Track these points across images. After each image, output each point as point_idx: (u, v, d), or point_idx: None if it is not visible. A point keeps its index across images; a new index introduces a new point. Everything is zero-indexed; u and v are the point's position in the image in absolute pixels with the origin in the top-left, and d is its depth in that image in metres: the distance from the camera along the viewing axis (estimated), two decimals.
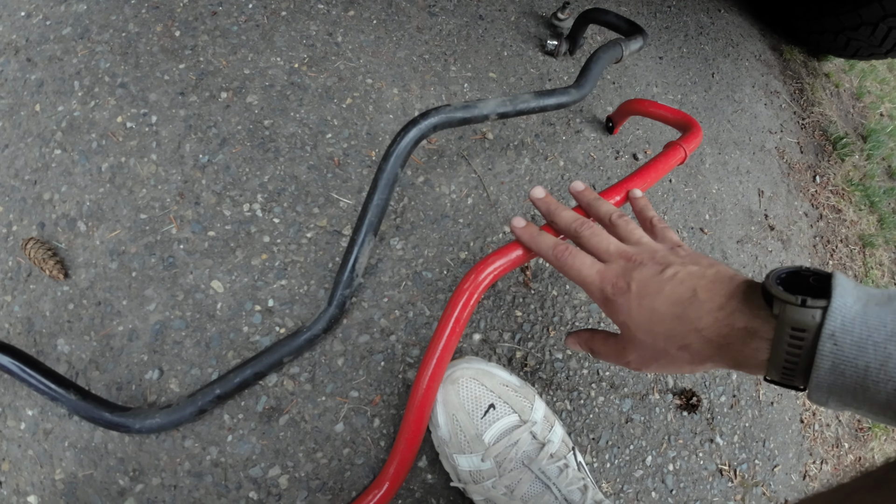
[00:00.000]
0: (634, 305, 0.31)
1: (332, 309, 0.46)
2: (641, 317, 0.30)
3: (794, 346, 0.24)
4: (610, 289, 0.32)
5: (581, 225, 0.36)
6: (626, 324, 0.32)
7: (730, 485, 0.59)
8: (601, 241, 0.35)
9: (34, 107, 0.55)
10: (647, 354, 0.32)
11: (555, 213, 0.38)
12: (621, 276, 0.32)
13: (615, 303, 0.32)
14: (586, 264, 0.34)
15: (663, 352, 0.30)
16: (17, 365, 0.40)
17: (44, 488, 0.42)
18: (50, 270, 0.47)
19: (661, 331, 0.30)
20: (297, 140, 0.57)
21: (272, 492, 0.43)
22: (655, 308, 0.30)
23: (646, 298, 0.30)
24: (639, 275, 0.31)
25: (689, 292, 0.29)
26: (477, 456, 0.42)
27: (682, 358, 0.30)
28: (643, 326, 0.30)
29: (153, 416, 0.42)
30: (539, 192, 0.40)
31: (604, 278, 0.33)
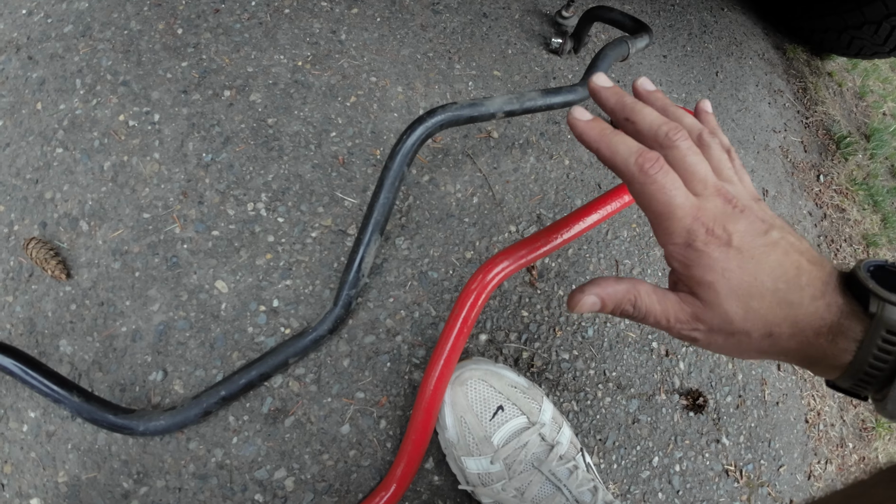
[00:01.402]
0: (734, 266, 0.23)
1: (338, 309, 0.46)
2: (740, 283, 0.23)
3: (884, 351, 0.21)
4: (703, 233, 0.24)
5: (676, 132, 0.25)
6: (714, 286, 0.24)
7: (736, 485, 0.58)
8: (699, 163, 0.25)
9: (35, 105, 0.55)
10: (725, 329, 0.24)
11: (634, 110, 0.26)
12: (720, 220, 0.24)
13: (705, 254, 0.24)
14: (680, 188, 0.24)
15: (745, 333, 0.24)
16: (19, 367, 0.40)
17: (46, 491, 0.42)
18: (52, 270, 0.46)
19: (757, 308, 0.23)
20: (301, 139, 0.57)
21: (278, 494, 0.43)
22: (759, 278, 0.23)
23: (749, 262, 0.23)
24: (742, 227, 0.24)
25: (795, 270, 0.23)
26: (486, 458, 0.41)
27: (760, 346, 0.24)
28: (738, 296, 0.24)
29: (157, 418, 0.41)
30: (605, 80, 0.28)
31: (698, 216, 0.24)
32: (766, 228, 0.24)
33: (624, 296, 0.27)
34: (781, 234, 0.24)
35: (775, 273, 0.23)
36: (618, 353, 0.58)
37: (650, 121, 0.26)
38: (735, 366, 0.64)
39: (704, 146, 0.26)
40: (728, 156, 0.27)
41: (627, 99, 0.27)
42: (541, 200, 0.63)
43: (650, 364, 0.59)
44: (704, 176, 0.25)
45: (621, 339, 0.59)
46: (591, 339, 0.57)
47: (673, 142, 0.25)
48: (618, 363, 0.57)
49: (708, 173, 0.25)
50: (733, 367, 0.64)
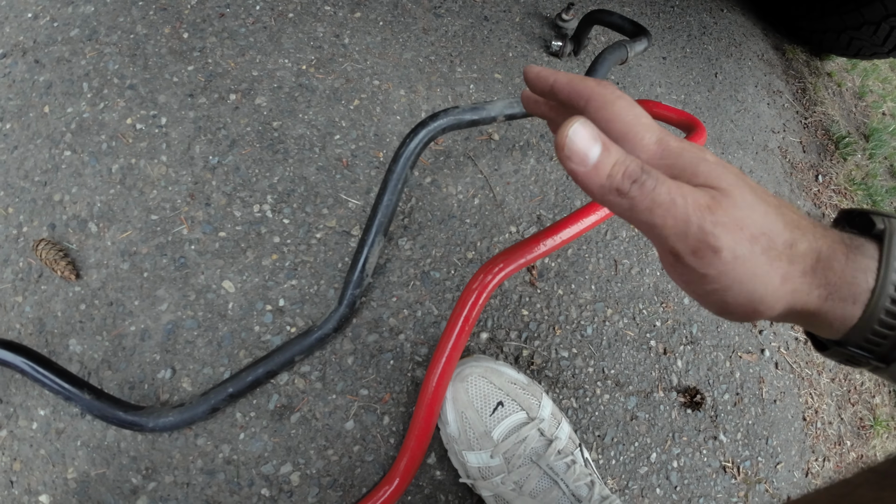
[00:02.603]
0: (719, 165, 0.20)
1: (343, 308, 0.47)
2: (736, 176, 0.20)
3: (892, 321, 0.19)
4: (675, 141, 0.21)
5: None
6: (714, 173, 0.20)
7: (733, 481, 0.59)
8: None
9: (43, 108, 0.56)
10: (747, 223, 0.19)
11: None
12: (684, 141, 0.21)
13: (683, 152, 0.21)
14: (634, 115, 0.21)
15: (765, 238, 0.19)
16: (30, 365, 0.41)
17: (56, 487, 0.43)
18: (61, 271, 0.47)
19: (774, 204, 0.20)
20: (306, 141, 0.58)
21: (284, 489, 0.44)
22: (749, 181, 0.21)
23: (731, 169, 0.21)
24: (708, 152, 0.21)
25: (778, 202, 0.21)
26: (486, 452, 0.42)
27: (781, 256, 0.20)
28: (743, 186, 0.20)
29: (166, 414, 0.42)
30: None
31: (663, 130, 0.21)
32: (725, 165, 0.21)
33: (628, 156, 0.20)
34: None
35: (762, 190, 0.21)
36: (616, 351, 0.59)
37: None
38: (732, 364, 0.65)
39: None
40: None
41: None
42: (541, 201, 0.63)
43: (648, 362, 0.60)
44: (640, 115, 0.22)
45: (620, 338, 0.60)
46: (590, 338, 0.58)
47: None
48: (616, 361, 0.58)
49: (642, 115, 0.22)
50: (731, 365, 0.65)
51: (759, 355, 0.68)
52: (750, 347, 0.68)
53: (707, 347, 0.64)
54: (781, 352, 0.71)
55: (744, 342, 0.68)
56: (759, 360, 0.68)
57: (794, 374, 0.71)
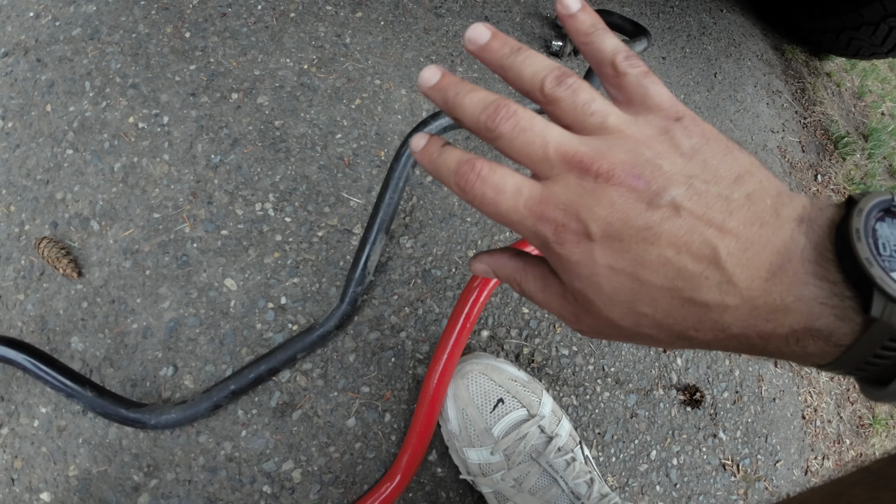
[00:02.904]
0: (602, 265, 0.17)
1: (344, 306, 0.47)
2: (614, 289, 0.18)
3: (883, 357, 0.15)
4: (549, 231, 0.18)
5: (495, 116, 0.19)
6: (586, 294, 0.19)
7: (733, 479, 0.60)
8: (533, 139, 0.18)
9: (45, 107, 0.56)
10: (614, 334, 0.20)
11: (455, 106, 0.20)
12: (572, 207, 0.18)
13: (563, 258, 0.18)
14: (506, 190, 0.19)
15: (646, 337, 0.19)
16: (32, 362, 0.41)
17: (57, 485, 0.43)
18: (63, 269, 0.47)
19: (651, 314, 0.18)
20: (308, 140, 0.58)
21: (286, 486, 0.44)
22: (642, 277, 0.17)
23: (623, 256, 0.17)
24: (604, 209, 0.17)
25: (707, 252, 0.16)
26: (486, 449, 0.42)
27: (674, 344, 0.19)
28: (618, 303, 0.18)
29: (168, 411, 0.42)
30: (431, 74, 0.21)
31: (536, 211, 0.18)
32: (654, 194, 0.17)
33: (511, 274, 0.23)
34: (684, 193, 0.17)
35: (667, 265, 0.17)
36: (616, 348, 0.59)
37: (469, 113, 0.20)
38: (732, 362, 0.66)
39: (551, 101, 0.19)
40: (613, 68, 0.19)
41: (450, 91, 0.20)
42: None
43: (648, 360, 0.60)
44: (543, 152, 0.18)
45: None
46: None
47: (494, 130, 0.19)
48: (616, 359, 0.58)
49: (549, 145, 0.18)
50: (730, 363, 0.65)
51: None
52: None
53: None
54: None
55: None
56: (758, 359, 0.68)
57: (793, 372, 0.71)
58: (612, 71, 0.19)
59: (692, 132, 0.18)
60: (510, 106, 0.19)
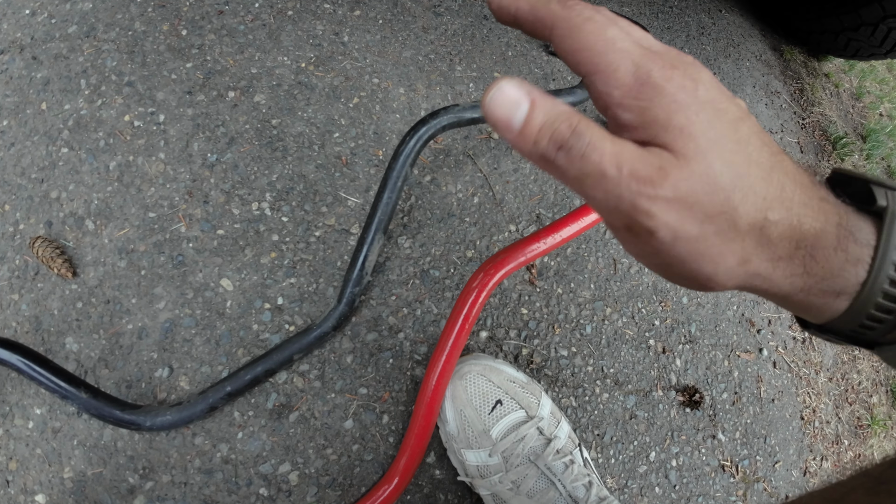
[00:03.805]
0: (706, 118, 0.16)
1: (342, 307, 0.46)
2: (719, 137, 0.16)
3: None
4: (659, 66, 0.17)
5: None
6: (689, 130, 0.16)
7: (732, 480, 0.59)
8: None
9: (40, 105, 0.55)
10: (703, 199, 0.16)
11: None
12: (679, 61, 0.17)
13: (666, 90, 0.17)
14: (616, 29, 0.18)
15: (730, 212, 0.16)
16: (26, 363, 0.40)
17: (52, 487, 0.42)
18: (58, 269, 0.47)
19: (746, 174, 0.16)
20: (305, 139, 0.58)
21: (282, 488, 0.44)
22: (740, 141, 0.17)
23: (723, 120, 0.17)
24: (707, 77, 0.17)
25: (775, 150, 0.17)
26: (484, 451, 0.42)
27: (744, 247, 0.17)
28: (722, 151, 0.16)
29: (164, 413, 0.42)
30: None
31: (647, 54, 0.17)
32: (731, 97, 0.18)
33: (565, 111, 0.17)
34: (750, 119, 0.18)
35: (755, 145, 0.17)
36: (615, 349, 0.59)
37: None
38: (731, 363, 0.65)
39: None
40: None
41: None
42: (540, 200, 0.63)
43: (647, 361, 0.60)
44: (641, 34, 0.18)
45: (619, 337, 0.60)
46: (590, 336, 0.58)
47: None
48: (615, 360, 0.58)
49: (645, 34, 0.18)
50: (729, 364, 0.65)
51: (757, 354, 0.68)
52: (748, 346, 0.68)
53: (705, 346, 0.64)
54: (779, 351, 0.71)
55: (742, 341, 0.68)
56: (757, 360, 0.68)
57: (791, 373, 0.71)
58: None
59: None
60: None
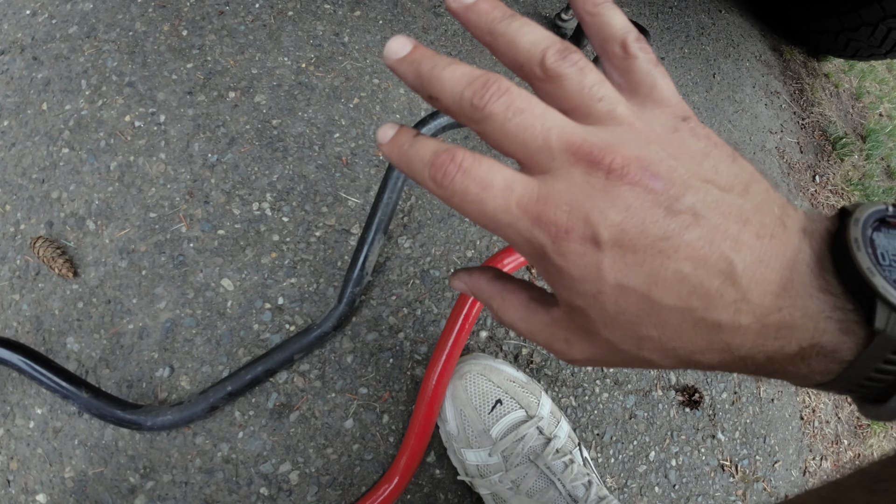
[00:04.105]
0: (608, 282, 0.15)
1: (342, 306, 0.47)
2: (620, 308, 0.16)
3: (885, 373, 0.14)
4: (548, 237, 0.15)
5: (483, 94, 0.15)
6: (586, 312, 0.16)
7: (731, 480, 0.59)
8: (525, 119, 0.15)
9: (41, 105, 0.55)
10: (610, 360, 0.18)
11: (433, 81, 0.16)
12: (579, 207, 0.15)
13: (563, 270, 0.16)
14: (494, 185, 0.16)
15: (645, 361, 0.17)
16: (27, 363, 0.40)
17: (53, 486, 0.42)
18: (59, 269, 0.47)
19: (657, 337, 0.16)
20: (306, 139, 0.58)
21: (283, 488, 0.44)
22: (654, 297, 0.15)
23: (634, 270, 0.15)
24: (617, 211, 0.15)
25: (723, 266, 0.15)
26: (484, 450, 0.42)
27: (674, 367, 0.17)
28: (621, 325, 0.16)
29: (165, 413, 0.42)
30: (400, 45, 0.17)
31: (532, 212, 0.16)
32: (672, 198, 0.15)
33: (488, 299, 0.21)
34: (702, 200, 0.15)
35: (684, 283, 0.15)
36: None
37: (450, 89, 0.16)
38: None
39: (552, 78, 0.16)
40: (623, 48, 0.17)
41: (425, 64, 0.16)
42: None
43: None
44: (544, 138, 0.15)
45: None
46: None
47: (483, 109, 0.15)
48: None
49: (551, 131, 0.15)
50: None
51: None
52: None
53: None
54: None
55: None
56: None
57: None
58: (621, 52, 0.17)
59: (699, 134, 0.16)
60: (502, 81, 0.16)
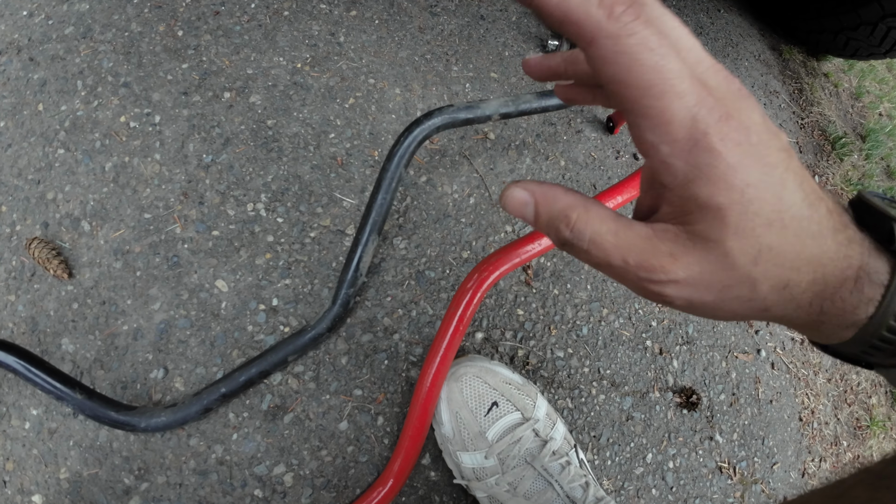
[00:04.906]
0: (756, 177, 0.15)
1: (337, 308, 0.46)
2: (763, 205, 0.15)
3: None
4: (716, 119, 0.15)
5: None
6: (725, 213, 0.15)
7: (729, 482, 0.59)
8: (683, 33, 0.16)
9: (37, 106, 0.55)
10: (719, 281, 0.17)
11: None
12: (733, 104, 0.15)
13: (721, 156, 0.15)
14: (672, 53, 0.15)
15: (749, 284, 0.16)
16: (22, 364, 0.40)
17: (48, 487, 0.42)
18: (54, 270, 0.47)
19: (778, 245, 0.16)
20: (301, 140, 0.58)
21: (277, 489, 0.44)
22: (784, 196, 0.16)
23: (773, 171, 0.15)
24: (758, 116, 0.16)
25: (814, 189, 0.16)
26: (480, 453, 0.42)
27: (763, 303, 0.17)
28: (755, 228, 0.16)
29: (159, 414, 0.42)
30: None
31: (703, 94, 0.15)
32: (776, 128, 0.16)
33: (567, 209, 0.18)
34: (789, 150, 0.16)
35: (800, 191, 0.16)
36: (612, 351, 0.58)
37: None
38: (728, 364, 0.65)
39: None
40: None
41: None
42: None
43: (644, 362, 0.60)
44: (692, 45, 0.15)
45: (615, 338, 0.59)
46: (586, 338, 0.58)
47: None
48: (612, 361, 0.58)
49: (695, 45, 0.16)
50: (727, 365, 0.65)
51: (755, 355, 0.68)
52: (746, 348, 0.68)
53: (703, 347, 0.64)
54: (777, 352, 0.70)
55: (740, 342, 0.67)
56: (755, 361, 0.68)
57: (790, 374, 0.71)
58: None
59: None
60: None
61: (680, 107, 0.15)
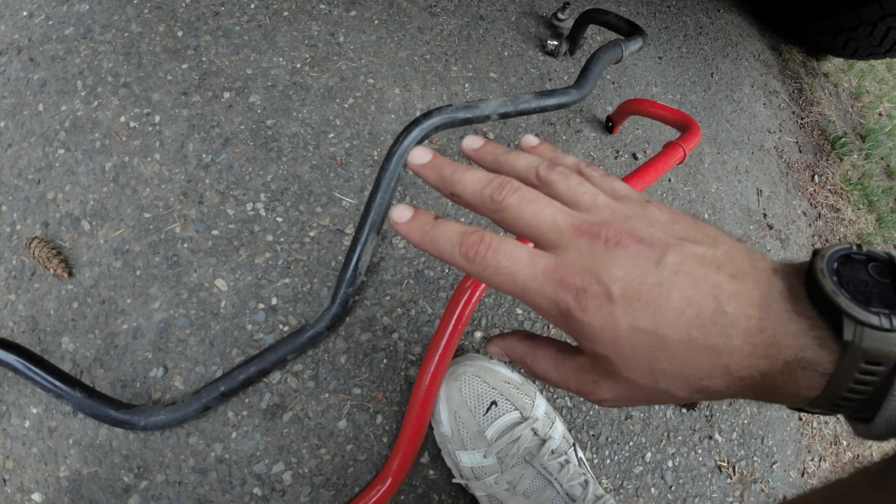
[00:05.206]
0: (625, 325, 0.19)
1: (336, 307, 0.46)
2: (635, 347, 0.19)
3: (862, 383, 0.17)
4: (570, 297, 0.19)
5: (500, 190, 0.21)
6: (608, 358, 0.20)
7: (728, 481, 0.59)
8: (541, 210, 0.21)
9: (37, 106, 0.55)
10: (635, 396, 0.21)
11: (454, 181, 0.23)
12: (589, 271, 0.19)
13: (585, 324, 0.19)
14: (521, 259, 0.20)
15: (663, 393, 0.20)
16: (22, 363, 0.40)
17: (48, 486, 0.42)
18: (54, 269, 0.47)
19: (670, 369, 0.19)
20: (300, 140, 0.58)
21: (276, 488, 0.44)
22: (661, 332, 0.18)
23: (644, 313, 0.18)
24: (620, 268, 0.19)
25: (711, 301, 0.18)
26: (479, 452, 0.42)
27: (694, 397, 0.20)
28: (638, 362, 0.19)
29: (158, 413, 0.42)
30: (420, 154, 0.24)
31: (559, 278, 0.19)
32: (658, 255, 0.19)
33: (522, 356, 0.25)
34: (681, 252, 0.19)
35: (683, 317, 0.18)
36: None
37: (472, 188, 0.22)
38: None
39: (546, 184, 0.22)
40: (581, 175, 0.23)
41: (447, 169, 0.23)
42: None
43: None
44: (552, 221, 0.20)
45: None
46: None
47: (502, 202, 0.21)
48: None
49: (557, 216, 0.20)
50: None
51: None
52: None
53: None
54: None
55: None
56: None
57: None
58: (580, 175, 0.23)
59: (664, 209, 0.21)
60: (513, 181, 0.21)
61: (542, 300, 0.20)
